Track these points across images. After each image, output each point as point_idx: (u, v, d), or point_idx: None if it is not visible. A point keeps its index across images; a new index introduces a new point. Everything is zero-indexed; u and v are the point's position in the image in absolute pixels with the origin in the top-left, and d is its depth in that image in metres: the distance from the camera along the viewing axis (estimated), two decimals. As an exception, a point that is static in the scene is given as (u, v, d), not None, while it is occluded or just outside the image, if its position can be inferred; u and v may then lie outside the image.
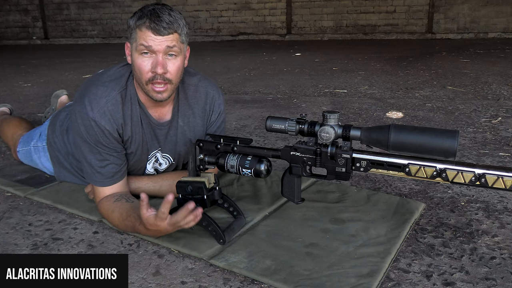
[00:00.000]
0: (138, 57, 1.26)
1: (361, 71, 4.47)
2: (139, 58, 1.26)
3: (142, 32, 1.23)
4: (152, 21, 1.22)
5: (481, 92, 3.27)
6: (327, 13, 8.50)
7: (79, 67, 5.49)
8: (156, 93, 1.29)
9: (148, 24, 1.22)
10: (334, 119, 1.18)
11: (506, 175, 1.04)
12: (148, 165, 1.48)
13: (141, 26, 1.23)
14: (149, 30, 1.22)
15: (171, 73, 1.28)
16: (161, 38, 1.23)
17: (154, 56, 1.25)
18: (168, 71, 1.27)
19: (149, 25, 1.22)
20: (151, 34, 1.22)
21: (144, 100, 1.37)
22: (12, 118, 2.21)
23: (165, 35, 1.23)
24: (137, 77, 1.30)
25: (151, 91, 1.29)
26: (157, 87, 1.28)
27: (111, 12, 9.90)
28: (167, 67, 1.26)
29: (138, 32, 1.24)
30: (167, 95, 1.31)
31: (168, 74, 1.27)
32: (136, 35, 1.25)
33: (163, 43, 1.23)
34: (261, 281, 1.08)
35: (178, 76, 1.32)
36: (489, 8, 7.53)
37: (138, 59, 1.26)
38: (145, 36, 1.23)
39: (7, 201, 1.59)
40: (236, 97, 3.45)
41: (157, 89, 1.28)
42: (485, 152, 1.98)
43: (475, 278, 1.08)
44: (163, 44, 1.24)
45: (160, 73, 1.25)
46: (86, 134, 1.32)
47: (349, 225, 1.34)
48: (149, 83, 1.27)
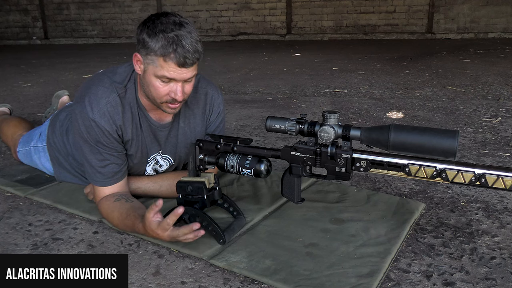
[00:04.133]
0: (155, 80, 1.23)
1: (361, 71, 4.47)
2: (157, 82, 1.23)
3: (167, 64, 1.18)
4: (179, 55, 1.17)
5: (481, 92, 3.27)
6: (327, 13, 8.50)
7: (79, 67, 5.49)
8: (171, 109, 1.30)
9: (174, 56, 1.17)
10: (334, 119, 1.18)
11: (506, 175, 1.04)
12: (148, 167, 1.48)
13: (166, 57, 1.17)
14: (175, 63, 1.18)
15: (187, 94, 1.29)
16: (185, 70, 1.21)
17: (173, 83, 1.24)
18: (185, 93, 1.28)
19: (176, 61, 1.18)
20: (176, 67, 1.19)
21: (145, 103, 1.37)
22: (12, 118, 2.21)
23: (189, 67, 1.21)
24: (150, 95, 1.29)
25: (164, 107, 1.30)
26: (173, 105, 1.29)
27: (111, 12, 9.90)
28: (184, 91, 1.26)
29: (162, 61, 1.18)
30: (179, 109, 1.34)
31: (185, 96, 1.28)
32: (158, 62, 1.19)
33: (186, 74, 1.22)
34: (261, 281, 1.08)
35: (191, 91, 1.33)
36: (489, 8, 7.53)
37: (156, 82, 1.24)
38: (169, 68, 1.19)
39: (7, 201, 1.59)
40: (236, 97, 3.45)
41: (172, 106, 1.29)
42: (485, 152, 1.98)
43: (475, 278, 1.08)
44: (186, 76, 1.23)
45: (180, 100, 1.26)
46: (87, 134, 1.32)
47: (349, 225, 1.34)
48: (164, 103, 1.28)
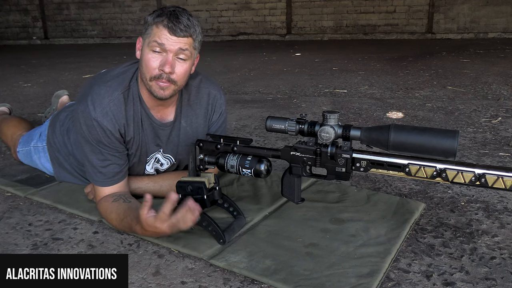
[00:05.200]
0: (148, 52, 1.26)
1: (361, 71, 4.47)
2: (149, 54, 1.26)
3: (158, 29, 1.24)
4: (171, 21, 1.22)
5: (481, 92, 3.27)
6: (327, 13, 8.50)
7: (79, 67, 5.49)
8: (159, 88, 1.28)
9: (166, 22, 1.23)
10: (334, 119, 1.18)
11: (506, 175, 1.04)
12: (148, 166, 1.48)
13: (159, 23, 1.23)
14: (166, 28, 1.23)
15: (177, 75, 1.28)
16: (175, 39, 1.23)
17: (164, 55, 1.25)
18: (175, 72, 1.27)
19: (167, 24, 1.23)
20: (166, 32, 1.23)
21: (147, 100, 1.37)
22: (12, 118, 2.21)
23: (180, 37, 1.24)
24: (142, 72, 1.30)
25: (154, 87, 1.29)
26: (162, 83, 1.28)
27: (111, 12, 9.90)
28: (174, 68, 1.26)
29: (155, 28, 1.24)
30: (169, 93, 1.31)
31: (174, 75, 1.27)
32: (152, 31, 1.25)
33: (176, 44, 1.24)
34: (261, 281, 1.08)
35: (184, 79, 1.32)
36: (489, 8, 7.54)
37: (148, 54, 1.26)
38: (161, 33, 1.23)
39: (7, 201, 1.59)
40: (236, 97, 3.45)
41: (160, 84, 1.28)
42: (485, 152, 1.98)
43: (475, 278, 1.08)
44: (176, 45, 1.24)
45: (167, 72, 1.25)
46: (88, 133, 1.32)
47: (349, 225, 1.34)
48: (153, 80, 1.28)
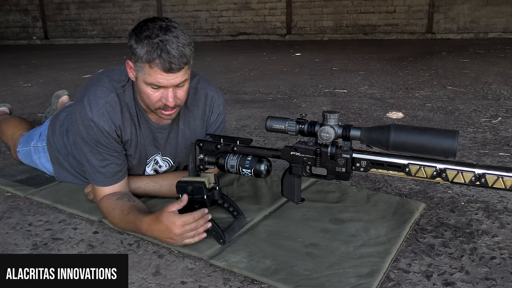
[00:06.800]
0: (146, 87, 1.23)
1: (361, 71, 4.47)
2: (147, 89, 1.23)
3: (153, 70, 1.18)
4: (164, 60, 1.16)
5: (481, 92, 3.27)
6: (327, 13, 8.50)
7: (79, 67, 5.49)
8: (166, 115, 1.30)
9: (159, 62, 1.16)
10: (334, 119, 1.18)
11: (506, 175, 1.04)
12: (147, 168, 1.48)
13: (151, 63, 1.17)
14: (160, 69, 1.18)
15: (180, 99, 1.28)
16: (172, 76, 1.19)
17: (163, 89, 1.23)
18: (178, 98, 1.27)
19: (161, 66, 1.17)
20: (162, 73, 1.18)
21: (143, 105, 1.36)
22: (12, 118, 2.21)
23: (176, 72, 1.19)
24: (144, 101, 1.30)
25: (160, 114, 1.30)
26: (167, 111, 1.28)
27: (111, 12, 9.89)
28: (176, 96, 1.25)
29: (148, 68, 1.19)
30: (176, 114, 1.33)
31: (178, 101, 1.27)
32: (145, 69, 1.19)
33: (174, 80, 1.21)
34: (261, 281, 1.08)
35: (185, 97, 1.32)
36: (489, 8, 7.53)
37: (146, 89, 1.23)
38: (156, 75, 1.19)
39: (7, 201, 1.59)
40: (236, 97, 3.45)
41: (166, 113, 1.28)
42: (485, 152, 1.98)
43: (475, 278, 1.08)
44: (175, 81, 1.22)
45: (172, 106, 1.25)
46: (86, 134, 1.32)
47: (349, 225, 1.34)
48: (158, 109, 1.28)
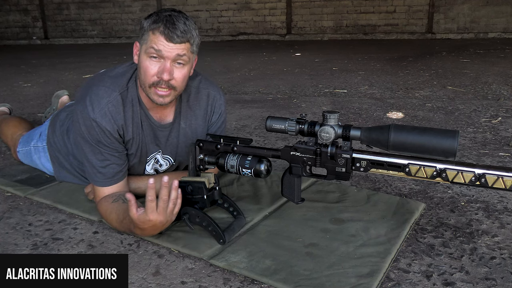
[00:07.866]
0: (146, 59, 1.25)
1: (361, 71, 4.47)
2: (147, 61, 1.25)
3: (155, 36, 1.22)
4: (167, 27, 1.20)
5: (481, 92, 3.27)
6: (327, 13, 8.50)
7: (79, 67, 5.49)
8: (158, 96, 1.28)
9: (162, 29, 1.21)
10: (334, 119, 1.18)
11: (506, 175, 1.04)
12: (148, 167, 1.48)
13: (155, 30, 1.22)
14: (162, 35, 1.21)
15: (177, 81, 1.27)
16: (172, 46, 1.22)
17: (162, 62, 1.24)
18: (174, 78, 1.26)
19: (163, 31, 1.21)
20: (163, 39, 1.21)
21: (146, 101, 1.36)
22: (12, 118, 2.21)
23: (177, 43, 1.22)
24: (141, 79, 1.30)
25: (153, 94, 1.28)
26: (160, 91, 1.27)
27: (111, 12, 9.89)
28: (173, 74, 1.25)
29: (151, 35, 1.22)
30: (169, 100, 1.31)
31: (173, 81, 1.27)
32: (148, 37, 1.23)
33: (173, 50, 1.23)
34: (261, 281, 1.08)
35: (183, 84, 1.31)
36: (489, 8, 7.53)
37: (146, 61, 1.25)
38: (157, 40, 1.22)
39: (7, 201, 1.59)
40: (236, 97, 3.45)
41: (159, 92, 1.27)
42: (485, 152, 1.98)
43: (475, 278, 1.08)
44: (174, 52, 1.23)
45: (166, 79, 1.25)
46: (88, 134, 1.32)
47: (349, 225, 1.34)
48: (152, 86, 1.27)
